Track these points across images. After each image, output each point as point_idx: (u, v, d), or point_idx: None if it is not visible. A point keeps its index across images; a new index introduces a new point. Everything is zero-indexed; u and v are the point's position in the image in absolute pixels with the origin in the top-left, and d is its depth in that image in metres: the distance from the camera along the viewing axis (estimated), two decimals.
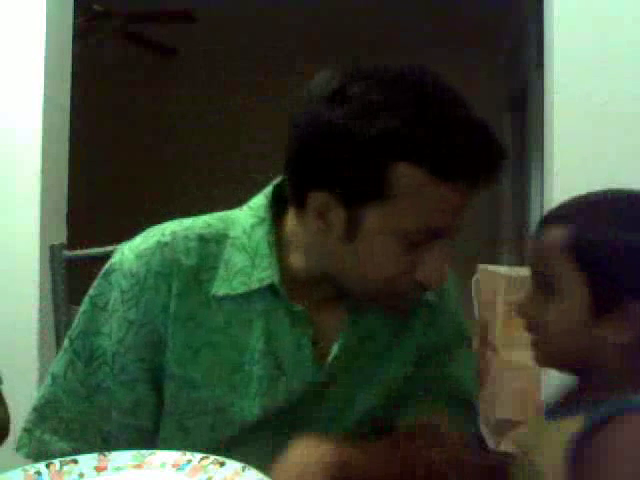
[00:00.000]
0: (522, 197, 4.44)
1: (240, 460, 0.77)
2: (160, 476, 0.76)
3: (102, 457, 0.79)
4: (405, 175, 0.86)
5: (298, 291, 0.99)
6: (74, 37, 2.41)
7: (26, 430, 1.01)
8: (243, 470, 0.74)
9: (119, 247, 1.04)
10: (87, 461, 0.78)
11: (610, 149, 1.96)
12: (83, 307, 1.02)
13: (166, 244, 0.99)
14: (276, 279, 0.97)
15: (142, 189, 5.43)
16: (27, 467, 0.77)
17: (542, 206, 2.41)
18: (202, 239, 1.00)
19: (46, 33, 2.21)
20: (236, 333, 0.98)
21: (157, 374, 0.98)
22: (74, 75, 2.38)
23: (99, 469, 0.77)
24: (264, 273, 0.98)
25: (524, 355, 1.42)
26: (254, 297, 0.98)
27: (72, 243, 1.52)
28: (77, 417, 0.98)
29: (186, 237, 1.00)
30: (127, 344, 0.98)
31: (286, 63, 5.27)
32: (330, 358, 1.00)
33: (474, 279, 3.05)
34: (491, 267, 3.11)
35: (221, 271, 0.99)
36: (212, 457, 0.77)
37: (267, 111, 5.48)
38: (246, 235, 1.00)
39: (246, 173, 5.50)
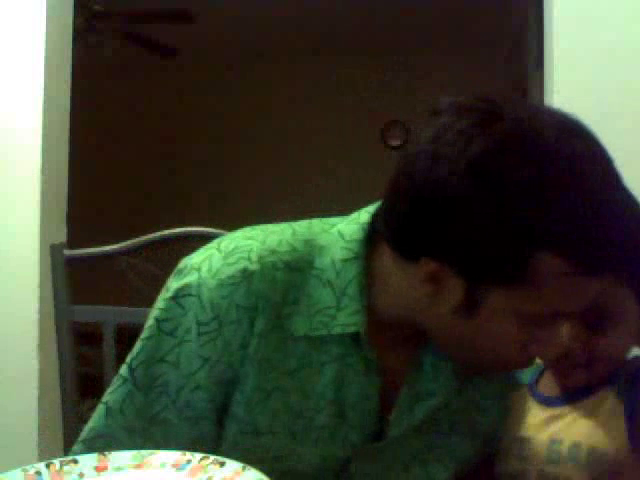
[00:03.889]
0: None
1: None
2: (160, 476, 0.76)
3: (102, 457, 0.78)
4: (547, 264, 0.79)
5: (374, 332, 0.90)
6: (74, 37, 2.41)
7: None
8: (243, 470, 0.74)
9: (191, 263, 0.92)
10: (87, 461, 0.78)
11: (610, 149, 1.95)
12: (148, 332, 0.92)
13: (253, 273, 0.88)
14: (359, 326, 0.89)
15: (142, 189, 5.43)
16: (27, 467, 0.77)
17: None
18: (289, 268, 0.89)
19: (46, 33, 2.21)
20: (305, 377, 0.90)
21: (222, 413, 0.91)
22: (74, 75, 2.38)
23: (99, 469, 0.77)
24: (350, 319, 0.89)
25: None
26: (331, 340, 0.89)
27: (72, 243, 1.52)
28: None
29: (274, 266, 0.89)
30: (197, 381, 0.89)
31: (286, 63, 5.28)
32: (394, 414, 0.93)
33: None
34: None
35: (302, 307, 0.89)
36: (212, 457, 0.77)
37: (267, 111, 5.49)
38: (335, 270, 0.90)
39: (246, 173, 5.51)
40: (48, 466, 0.77)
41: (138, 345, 0.92)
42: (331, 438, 0.92)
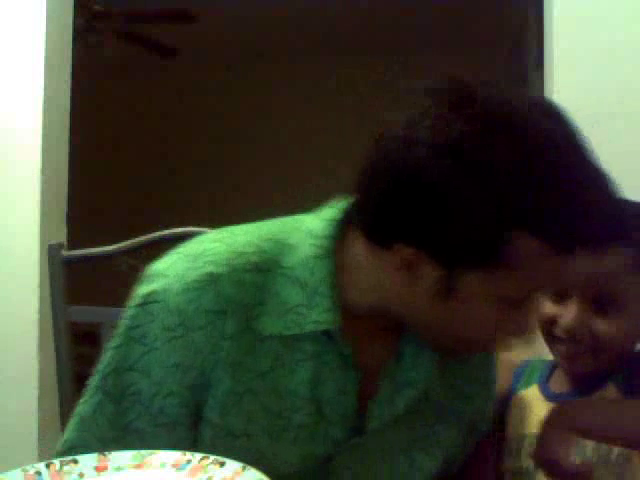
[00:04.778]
0: None
1: None
2: (160, 476, 0.76)
3: (102, 457, 0.78)
4: (522, 245, 0.79)
5: (348, 326, 0.89)
6: (74, 37, 2.41)
7: None
8: (243, 470, 0.74)
9: (157, 268, 0.91)
10: (87, 461, 0.78)
11: (610, 149, 1.95)
12: (117, 340, 0.91)
13: (220, 277, 0.87)
14: (331, 323, 0.88)
15: (142, 189, 5.43)
16: (27, 467, 0.77)
17: None
18: (257, 269, 0.88)
19: (46, 33, 2.21)
20: (279, 377, 0.89)
21: (196, 417, 0.90)
22: (74, 75, 2.38)
23: (99, 469, 0.77)
24: (322, 316, 0.88)
25: (523, 355, 1.43)
26: (304, 339, 0.89)
27: (72, 243, 1.52)
28: None
29: (241, 268, 0.88)
30: (169, 387, 0.88)
31: (286, 63, 5.28)
32: (374, 407, 0.93)
33: None
34: None
35: (272, 307, 0.88)
36: (212, 457, 0.77)
37: (267, 111, 5.49)
38: (304, 268, 0.89)
39: (246, 173, 5.50)
40: (48, 466, 0.77)
41: (108, 354, 0.91)
42: (311, 436, 0.91)
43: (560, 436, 0.88)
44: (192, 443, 0.89)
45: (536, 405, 1.01)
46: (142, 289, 0.91)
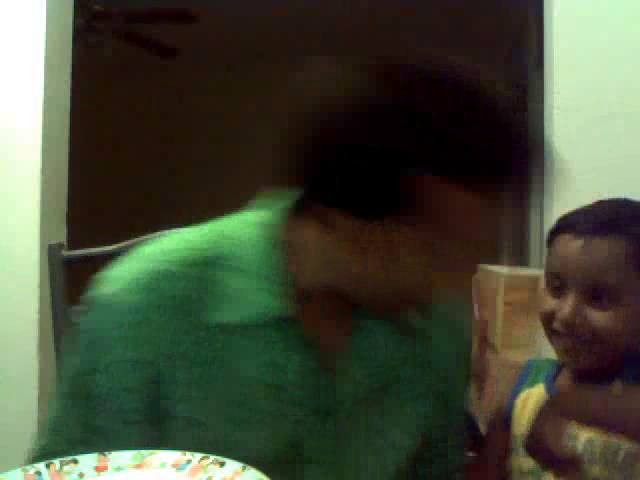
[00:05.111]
0: (521, 197, 4.43)
1: None
2: (160, 476, 0.76)
3: (102, 457, 0.78)
4: (424, 185, 0.80)
5: (304, 310, 0.91)
6: (74, 37, 2.41)
7: None
8: (243, 470, 0.74)
9: (107, 274, 0.95)
10: (87, 461, 0.78)
11: (610, 149, 1.95)
12: (75, 346, 0.94)
13: (158, 273, 0.90)
14: (280, 307, 0.90)
15: (142, 189, 5.43)
16: (27, 467, 0.77)
17: (542, 206, 2.41)
18: (197, 263, 0.91)
19: (46, 33, 2.21)
20: (236, 365, 0.90)
21: (160, 412, 0.92)
22: (74, 75, 2.38)
23: (99, 469, 0.77)
24: (272, 302, 0.90)
25: (524, 355, 1.43)
26: (258, 326, 0.90)
27: (72, 243, 1.52)
28: None
29: (180, 262, 0.91)
30: (129, 384, 0.90)
31: (286, 63, 5.27)
32: (337, 385, 0.94)
33: (474, 279, 3.04)
34: (491, 267, 3.10)
35: (220, 298, 0.90)
36: (212, 457, 0.77)
37: (267, 111, 5.49)
38: (251, 256, 0.91)
39: (246, 173, 5.50)
40: (48, 466, 0.77)
41: (68, 359, 0.95)
42: (277, 421, 0.92)
43: (555, 422, 0.88)
44: (160, 438, 0.91)
45: (542, 404, 1.01)
46: (94, 294, 0.94)
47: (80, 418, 0.92)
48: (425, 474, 1.07)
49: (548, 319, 1.03)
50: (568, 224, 1.03)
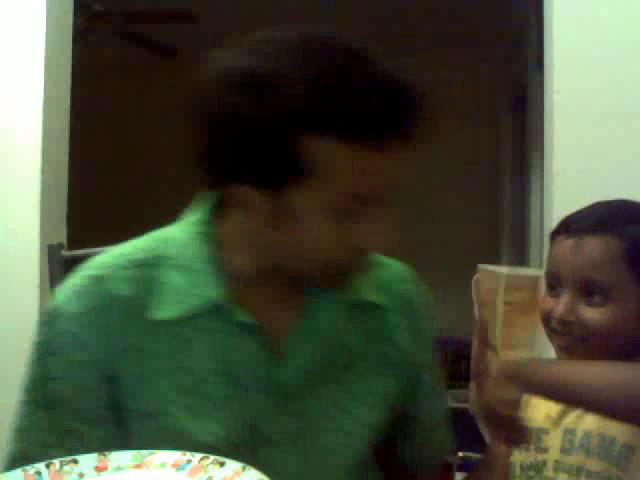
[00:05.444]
0: (522, 197, 4.44)
1: None
2: (160, 476, 0.76)
3: (102, 457, 0.79)
4: (315, 148, 0.83)
5: (246, 297, 0.95)
6: (74, 37, 2.41)
7: None
8: (243, 470, 0.74)
9: (58, 288, 1.01)
10: (87, 461, 0.78)
11: (610, 149, 1.95)
12: (33, 356, 0.99)
13: (99, 278, 0.96)
14: (219, 295, 0.94)
15: (142, 189, 5.43)
16: (27, 467, 0.77)
17: (542, 206, 2.41)
18: (136, 265, 0.97)
19: (46, 33, 2.21)
20: (184, 356, 0.95)
21: (119, 409, 0.96)
22: (74, 75, 2.38)
23: (99, 469, 0.77)
24: (205, 291, 0.94)
25: (524, 355, 1.43)
26: (198, 317, 0.94)
27: (72, 243, 1.52)
28: None
29: (119, 266, 0.97)
30: (83, 386, 0.95)
31: None
32: (289, 365, 0.96)
33: (474, 279, 3.04)
34: (491, 267, 3.10)
35: (161, 295, 0.95)
36: (212, 457, 0.77)
37: None
38: (182, 253, 0.96)
39: None
40: (48, 466, 0.77)
41: (29, 369, 1.00)
42: (232, 406, 0.95)
43: (510, 387, 0.90)
44: (125, 434, 0.95)
45: (543, 401, 1.03)
46: (46, 307, 1.00)
47: (50, 423, 0.96)
48: (409, 453, 1.09)
49: (547, 318, 1.05)
50: (564, 225, 1.05)
